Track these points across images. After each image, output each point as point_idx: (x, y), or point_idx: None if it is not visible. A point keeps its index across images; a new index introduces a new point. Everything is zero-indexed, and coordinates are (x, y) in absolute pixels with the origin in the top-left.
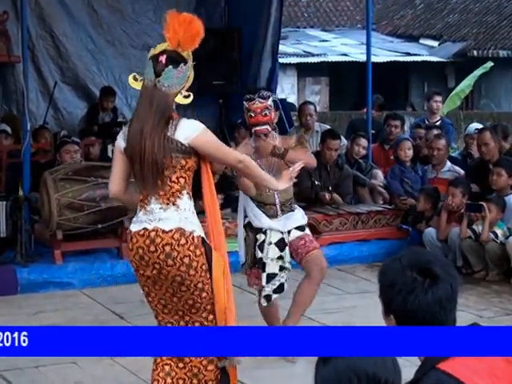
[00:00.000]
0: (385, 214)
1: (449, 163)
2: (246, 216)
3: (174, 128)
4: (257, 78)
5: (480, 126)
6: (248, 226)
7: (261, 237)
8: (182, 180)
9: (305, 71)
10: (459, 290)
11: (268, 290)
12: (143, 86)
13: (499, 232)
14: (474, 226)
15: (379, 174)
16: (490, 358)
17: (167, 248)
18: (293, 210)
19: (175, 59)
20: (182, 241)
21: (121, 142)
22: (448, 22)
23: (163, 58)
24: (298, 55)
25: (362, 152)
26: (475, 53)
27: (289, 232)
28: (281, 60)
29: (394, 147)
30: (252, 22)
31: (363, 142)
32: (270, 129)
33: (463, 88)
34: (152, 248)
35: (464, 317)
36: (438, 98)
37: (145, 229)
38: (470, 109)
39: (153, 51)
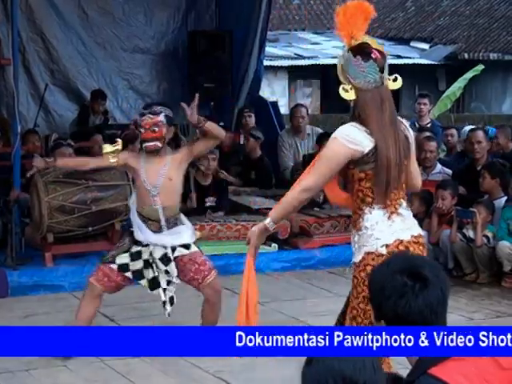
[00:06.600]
0: None
1: (439, 165)
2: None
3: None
4: (244, 78)
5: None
6: (129, 234)
7: (144, 250)
8: None
9: (296, 74)
10: (449, 293)
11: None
12: (358, 90)
13: (490, 235)
14: (464, 230)
15: None
16: (481, 363)
17: None
18: (177, 225)
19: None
20: None
21: (365, 142)
22: (439, 25)
23: (377, 53)
24: (289, 58)
25: None
26: (466, 55)
27: (173, 249)
28: (272, 63)
29: None
30: (243, 24)
31: None
32: (159, 145)
33: (454, 91)
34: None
35: (454, 319)
36: (422, 100)
37: (413, 236)
38: (461, 111)
39: (348, 44)
